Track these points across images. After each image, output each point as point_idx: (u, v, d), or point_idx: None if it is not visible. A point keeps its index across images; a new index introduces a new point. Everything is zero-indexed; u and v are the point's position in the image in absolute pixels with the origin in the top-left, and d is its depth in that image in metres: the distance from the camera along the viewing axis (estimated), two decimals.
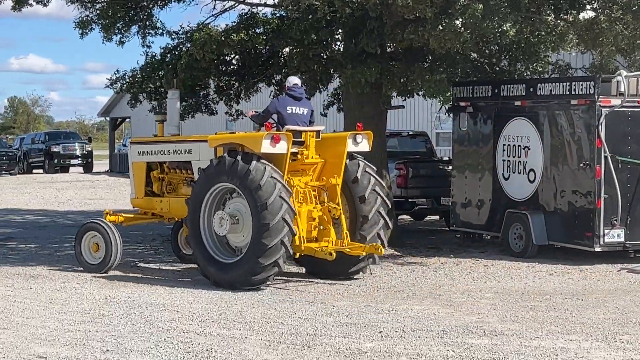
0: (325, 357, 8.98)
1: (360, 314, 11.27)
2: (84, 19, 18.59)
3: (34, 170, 56.78)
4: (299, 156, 13.71)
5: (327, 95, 21.11)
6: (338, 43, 17.87)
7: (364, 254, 13.57)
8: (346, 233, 13.63)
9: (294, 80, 14.67)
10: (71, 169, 57.48)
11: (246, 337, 9.92)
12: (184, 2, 19.16)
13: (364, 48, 15.73)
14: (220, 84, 19.32)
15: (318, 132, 14.04)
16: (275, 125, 13.90)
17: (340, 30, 17.16)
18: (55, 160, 56.83)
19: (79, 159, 57.48)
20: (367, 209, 13.91)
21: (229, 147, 13.61)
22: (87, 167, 57.31)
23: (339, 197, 13.79)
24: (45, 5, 17.93)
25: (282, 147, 13.10)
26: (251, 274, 12.91)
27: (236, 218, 13.32)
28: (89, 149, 59.09)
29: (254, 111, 15.06)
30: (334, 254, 13.00)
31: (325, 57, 17.59)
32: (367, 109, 17.65)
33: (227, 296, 12.57)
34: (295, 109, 14.13)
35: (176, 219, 15.52)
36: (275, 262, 12.88)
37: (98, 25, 18.49)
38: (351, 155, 13.96)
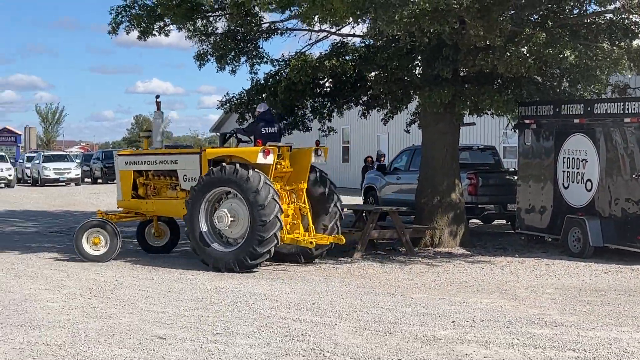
0: (405, 342, 9.01)
1: (435, 305, 11.26)
2: (201, 52, 18.91)
3: None
4: (278, 166, 14.96)
5: (408, 113, 21.10)
6: (417, 68, 17.84)
7: (328, 243, 15.01)
8: (311, 227, 15.08)
9: (263, 107, 16.09)
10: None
11: (335, 324, 9.99)
12: (284, 34, 19.32)
13: (440, 73, 15.70)
14: (315, 104, 19.44)
15: (290, 147, 15.71)
16: (251, 143, 15.61)
17: (419, 57, 17.14)
18: None
19: None
20: (328, 205, 15.50)
21: (220, 159, 14.88)
22: None
23: (305, 198, 15.23)
24: (166, 35, 18.21)
25: (270, 159, 14.47)
26: (250, 258, 14.13)
27: (233, 215, 14.43)
28: None
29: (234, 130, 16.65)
30: (314, 243, 14.57)
31: (406, 80, 17.56)
32: (442, 125, 17.61)
33: (319, 288, 12.67)
34: (269, 129, 15.53)
35: (147, 217, 16.64)
36: (269, 250, 14.22)
37: (213, 57, 18.78)
38: (311, 166, 15.44)
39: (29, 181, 54.53)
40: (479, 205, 19.77)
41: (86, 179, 55.59)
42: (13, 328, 9.77)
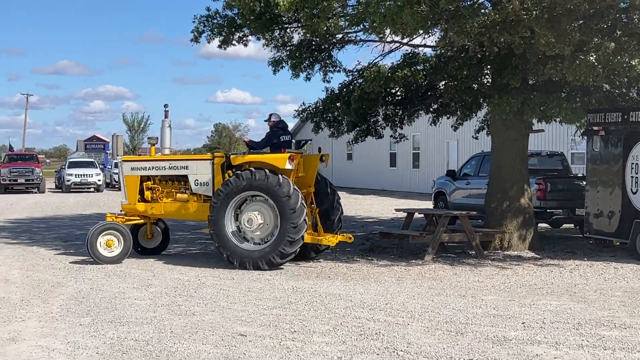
0: (476, 342, 8.94)
1: (505, 307, 11.14)
2: (277, 58, 19.03)
3: None
4: (295, 171, 15.35)
5: (477, 121, 20.96)
6: (486, 77, 17.70)
7: (337, 241, 15.42)
8: (320, 226, 15.76)
9: (277, 116, 16.17)
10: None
11: (408, 324, 9.95)
12: (357, 44, 19.34)
13: (509, 81, 15.55)
14: (387, 112, 19.42)
15: (302, 154, 16.52)
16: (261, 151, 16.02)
17: (488, 66, 16.99)
18: None
19: None
20: (332, 203, 16.14)
21: (249, 165, 15.13)
22: None
23: (313, 199, 15.78)
24: (245, 45, 18.41)
25: (293, 165, 14.97)
26: (280, 257, 14.54)
27: (260, 217, 14.82)
28: None
29: (248, 138, 16.94)
30: (335, 241, 15.29)
31: (475, 89, 17.45)
32: (511, 132, 17.44)
33: (391, 289, 12.62)
34: (285, 137, 16.05)
35: (152, 220, 16.64)
36: (296, 250, 14.67)
37: (287, 64, 18.89)
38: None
39: (116, 186, 55.38)
40: (548, 210, 19.54)
41: None
42: (104, 324, 9.96)
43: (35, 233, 21.85)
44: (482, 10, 14.81)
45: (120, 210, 16.51)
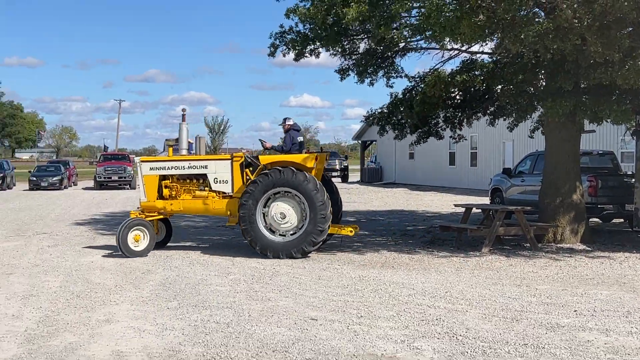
0: (530, 328, 8.86)
1: (558, 295, 11.01)
2: (343, 67, 19.10)
3: None
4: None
5: (532, 121, 20.72)
6: (540, 81, 17.49)
7: (355, 232, 15.97)
8: None
9: (292, 120, 16.37)
10: (332, 179, 58.73)
11: (467, 311, 9.91)
12: (419, 52, 19.29)
13: (562, 85, 15.35)
14: (447, 115, 19.33)
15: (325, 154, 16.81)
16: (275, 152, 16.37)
17: (542, 71, 16.80)
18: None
19: (338, 171, 58.72)
20: (335, 197, 16.23)
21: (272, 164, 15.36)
22: (344, 178, 58.46)
23: None
24: (317, 56, 18.47)
25: (314, 164, 15.23)
26: (311, 246, 14.89)
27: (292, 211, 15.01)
28: (346, 164, 60.29)
29: (269, 144, 16.84)
30: (354, 231, 15.90)
31: (530, 92, 17.27)
32: (563, 133, 17.23)
33: (451, 278, 12.56)
34: (299, 139, 16.29)
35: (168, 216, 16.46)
36: (322, 240, 15.13)
37: (353, 72, 18.94)
38: None
39: None
40: (599, 205, 19.26)
41: None
42: (189, 308, 10.13)
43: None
44: (536, 19, 14.66)
45: (138, 207, 16.36)
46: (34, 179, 47.94)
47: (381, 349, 7.99)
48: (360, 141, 63.19)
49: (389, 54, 19.17)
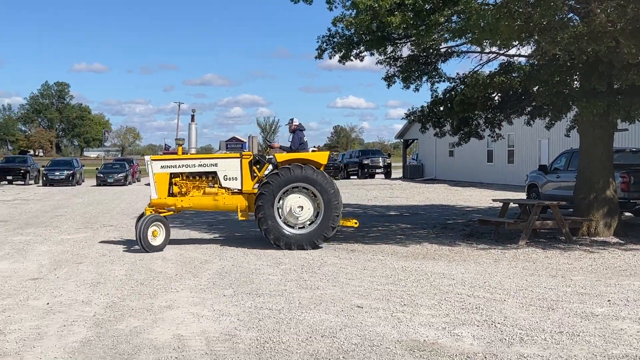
0: (566, 317, 8.75)
1: (592, 286, 10.85)
2: (389, 74, 19.05)
3: (351, 177, 58.45)
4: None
5: (567, 120, 20.44)
6: (575, 82, 17.25)
7: (348, 224, 15.94)
8: None
9: (298, 120, 16.31)
10: (376, 176, 58.69)
11: (504, 300, 9.81)
12: (459, 56, 19.13)
13: (596, 86, 15.12)
14: (487, 116, 19.16)
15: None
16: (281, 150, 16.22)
17: (577, 73, 16.56)
18: (365, 170, 58.30)
19: (382, 169, 58.65)
20: None
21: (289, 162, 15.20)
22: (387, 175, 58.31)
23: None
24: (361, 60, 18.44)
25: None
26: (322, 240, 14.98)
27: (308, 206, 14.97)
28: (389, 161, 60.14)
29: (278, 144, 16.94)
30: (358, 223, 16.11)
31: (565, 93, 17.02)
32: (598, 131, 16.97)
33: (489, 269, 12.46)
34: (305, 138, 16.17)
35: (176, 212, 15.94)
36: (333, 234, 15.23)
37: (399, 78, 18.86)
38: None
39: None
40: (631, 200, 18.89)
41: None
42: (243, 295, 10.19)
43: (186, 218, 22.44)
44: (571, 23, 14.48)
45: (149, 204, 15.73)
46: (101, 175, 49.15)
47: (423, 335, 7.96)
48: (402, 140, 62.96)
49: (432, 59, 19.07)
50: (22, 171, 52.46)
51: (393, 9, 15.28)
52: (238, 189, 15.43)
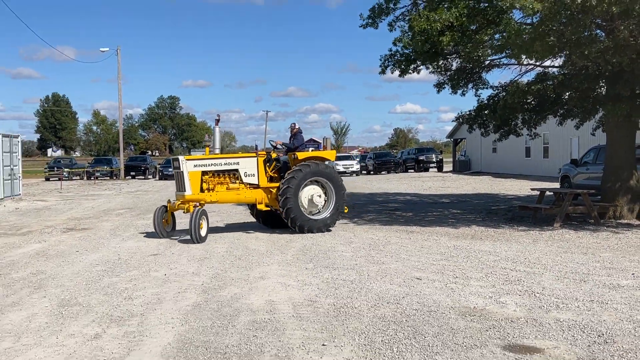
0: (595, 288, 8.52)
1: (618, 262, 10.51)
2: (440, 82, 18.83)
3: (408, 170, 58.01)
4: None
5: (594, 121, 19.84)
6: (602, 89, 16.74)
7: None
8: None
9: (299, 124, 15.95)
10: (430, 170, 58.10)
11: (542, 274, 9.61)
12: (500, 67, 18.77)
13: (620, 92, 14.65)
14: (524, 117, 18.75)
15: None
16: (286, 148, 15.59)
17: (603, 80, 16.07)
18: (421, 165, 57.76)
19: (434, 163, 58.01)
20: None
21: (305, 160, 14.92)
22: (439, 169, 57.65)
23: None
24: (418, 73, 18.29)
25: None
26: (333, 224, 15.01)
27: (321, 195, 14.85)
28: (440, 157, 59.42)
29: (280, 141, 15.83)
30: (347, 209, 15.51)
31: (593, 98, 16.55)
32: (621, 130, 16.48)
33: (529, 248, 12.20)
34: (305, 138, 15.85)
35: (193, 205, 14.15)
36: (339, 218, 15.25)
37: (448, 85, 18.63)
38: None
39: None
40: None
41: (363, 172, 56.90)
42: (322, 269, 10.24)
43: None
44: (598, 39, 14.05)
45: (174, 200, 14.87)
46: (162, 170, 50.74)
47: (473, 302, 7.87)
48: (452, 139, 62.13)
49: (477, 69, 18.77)
50: (143, 168, 54.22)
51: (443, 29, 15.11)
52: (256, 184, 14.91)
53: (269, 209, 15.09)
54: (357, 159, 58.24)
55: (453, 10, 14.98)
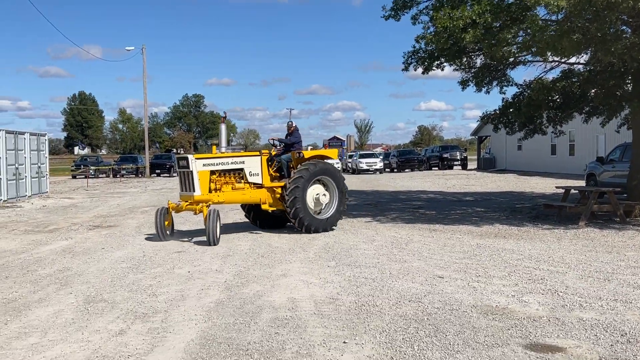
0: (620, 287, 8.44)
1: None
2: (464, 79, 18.71)
3: (432, 168, 57.74)
4: None
5: (619, 118, 19.60)
6: (628, 85, 16.53)
7: None
8: None
9: (295, 122, 15.56)
10: (454, 167, 57.77)
11: (566, 272, 9.54)
12: (525, 65, 18.61)
13: None
14: (549, 115, 18.58)
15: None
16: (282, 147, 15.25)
17: (629, 77, 15.88)
18: (445, 162, 57.50)
19: (459, 161, 57.69)
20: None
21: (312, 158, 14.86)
22: (464, 166, 57.32)
23: None
24: (442, 70, 18.19)
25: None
26: (335, 224, 14.85)
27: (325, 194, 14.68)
28: (465, 155, 59.15)
29: (277, 137, 15.49)
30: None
31: (619, 95, 16.35)
32: None
33: (553, 246, 12.11)
34: (300, 138, 15.29)
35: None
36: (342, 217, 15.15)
37: (472, 82, 18.51)
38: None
39: (349, 171, 56.70)
40: None
41: (386, 169, 56.76)
42: (344, 266, 10.27)
43: None
44: (624, 35, 13.87)
45: (180, 201, 14.23)
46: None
47: (495, 301, 7.84)
48: (477, 136, 61.71)
49: (501, 67, 18.61)
50: (168, 166, 54.62)
51: (467, 26, 15.01)
52: (260, 184, 14.46)
53: (273, 209, 14.70)
54: (381, 157, 58.13)
55: (476, 7, 14.89)
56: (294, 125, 15.70)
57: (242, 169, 14.44)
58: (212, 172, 14.14)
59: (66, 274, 10.26)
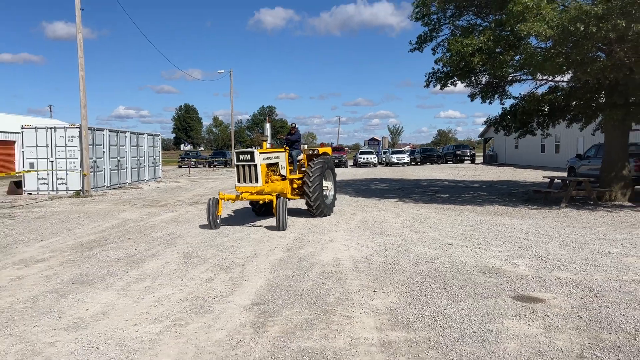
0: (591, 254, 8.18)
1: (610, 234, 10.03)
2: (472, 93, 18.32)
3: (448, 162, 56.69)
4: None
5: (595, 124, 18.87)
6: (601, 98, 15.89)
7: None
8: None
9: (295, 123, 14.14)
10: (465, 162, 56.61)
11: (548, 242, 9.28)
12: (520, 82, 18.10)
13: (616, 100, 13.89)
14: (539, 121, 18.03)
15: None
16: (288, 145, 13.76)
17: (603, 92, 15.27)
18: (457, 157, 56.35)
19: (468, 157, 56.42)
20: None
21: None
22: (472, 161, 55.94)
23: None
24: (454, 86, 17.86)
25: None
26: (333, 207, 13.83)
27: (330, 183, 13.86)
28: (473, 152, 57.71)
29: (283, 135, 14.25)
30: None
31: (594, 106, 15.75)
32: (617, 131, 15.56)
33: (539, 222, 11.77)
34: (300, 136, 14.03)
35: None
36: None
37: (479, 96, 18.10)
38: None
39: (383, 163, 56.25)
40: None
41: (412, 163, 56.05)
42: (376, 235, 10.23)
43: (344, 188, 22.69)
44: (599, 59, 13.33)
45: (235, 191, 13.30)
46: None
47: (492, 263, 7.71)
48: (483, 138, 60.24)
49: (502, 83, 18.15)
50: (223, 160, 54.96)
51: (474, 52, 14.70)
52: (284, 176, 13.13)
53: (297, 197, 13.39)
54: (408, 153, 57.45)
55: (482, 37, 14.55)
56: (295, 126, 14.72)
57: (277, 163, 13.08)
58: (267, 165, 12.73)
59: (172, 236, 10.54)
